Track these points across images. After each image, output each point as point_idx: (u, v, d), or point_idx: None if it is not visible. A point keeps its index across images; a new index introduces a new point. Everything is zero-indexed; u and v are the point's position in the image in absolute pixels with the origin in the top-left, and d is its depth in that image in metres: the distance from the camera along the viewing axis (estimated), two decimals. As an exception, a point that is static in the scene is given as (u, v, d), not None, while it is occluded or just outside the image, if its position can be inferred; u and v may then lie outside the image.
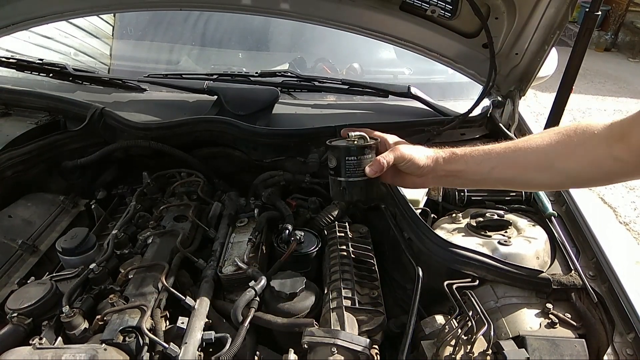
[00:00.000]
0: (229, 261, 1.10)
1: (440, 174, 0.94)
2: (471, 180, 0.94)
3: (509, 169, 0.90)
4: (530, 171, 0.89)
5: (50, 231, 1.28)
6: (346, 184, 0.94)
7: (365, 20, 1.41)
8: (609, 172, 0.84)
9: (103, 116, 1.46)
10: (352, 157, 0.92)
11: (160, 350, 0.89)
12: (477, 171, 0.91)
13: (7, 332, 0.91)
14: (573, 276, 0.99)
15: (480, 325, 0.89)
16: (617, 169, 0.82)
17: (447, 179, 0.95)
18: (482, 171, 0.91)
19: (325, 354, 0.87)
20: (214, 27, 1.99)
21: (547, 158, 0.86)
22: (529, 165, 0.88)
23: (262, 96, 1.57)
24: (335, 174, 0.95)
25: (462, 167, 0.92)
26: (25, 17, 1.53)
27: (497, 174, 0.91)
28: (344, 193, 0.95)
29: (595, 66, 6.63)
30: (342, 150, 0.93)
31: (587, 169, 0.85)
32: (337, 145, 0.94)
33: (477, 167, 0.91)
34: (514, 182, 0.94)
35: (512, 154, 0.89)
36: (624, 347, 0.90)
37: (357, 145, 0.93)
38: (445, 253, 1.02)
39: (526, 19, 1.26)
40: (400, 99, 1.62)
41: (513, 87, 1.50)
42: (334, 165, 0.94)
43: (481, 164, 0.91)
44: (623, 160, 0.80)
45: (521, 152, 0.88)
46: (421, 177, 0.96)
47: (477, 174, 0.92)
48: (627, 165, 0.80)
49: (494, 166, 0.90)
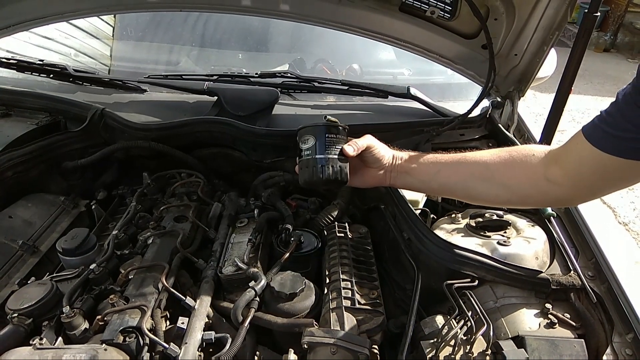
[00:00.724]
0: (229, 261, 1.10)
1: (397, 169, 1.04)
2: (420, 181, 1.04)
3: (452, 175, 0.99)
4: (470, 180, 0.97)
5: (51, 232, 1.28)
6: (326, 160, 0.96)
7: (364, 21, 1.42)
8: (543, 192, 0.90)
9: (103, 117, 1.46)
10: (332, 135, 0.94)
11: (161, 351, 0.89)
12: (425, 171, 1.02)
13: (8, 332, 0.91)
14: (572, 276, 0.99)
15: (480, 326, 0.89)
16: (552, 190, 0.87)
17: (402, 174, 1.04)
18: (430, 172, 1.02)
19: (325, 354, 0.87)
20: (214, 28, 1.99)
21: (487, 169, 0.94)
22: (470, 174, 0.97)
23: (262, 97, 1.58)
24: (311, 152, 0.97)
25: (414, 165, 1.03)
26: (26, 18, 1.54)
27: (441, 178, 1.01)
28: (321, 171, 0.96)
29: (594, 67, 6.64)
30: (321, 127, 0.95)
31: (523, 185, 0.92)
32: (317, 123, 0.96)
33: (426, 168, 1.02)
34: (456, 188, 1.02)
35: (457, 162, 0.99)
36: (623, 347, 0.90)
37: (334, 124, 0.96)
38: (445, 253, 1.02)
39: (525, 19, 1.27)
40: (399, 99, 1.63)
41: (512, 87, 1.50)
42: (312, 144, 0.96)
43: (429, 166, 1.02)
44: (557, 182, 0.86)
45: (465, 162, 0.98)
46: (381, 170, 1.04)
47: (424, 175, 1.02)
48: (561, 187, 0.86)
49: (439, 170, 1.00)
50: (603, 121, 0.76)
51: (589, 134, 0.78)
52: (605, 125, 0.75)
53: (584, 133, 0.79)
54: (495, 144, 1.48)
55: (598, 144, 0.76)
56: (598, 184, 0.83)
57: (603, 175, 0.80)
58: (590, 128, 0.79)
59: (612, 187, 0.84)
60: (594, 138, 0.77)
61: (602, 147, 0.75)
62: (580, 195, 0.89)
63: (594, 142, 0.77)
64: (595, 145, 0.76)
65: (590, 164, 0.79)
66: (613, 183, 0.82)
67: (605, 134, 0.75)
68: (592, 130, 0.78)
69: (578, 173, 0.83)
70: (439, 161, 1.01)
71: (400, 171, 1.03)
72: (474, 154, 0.98)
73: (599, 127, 0.76)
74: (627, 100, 0.71)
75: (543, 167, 0.88)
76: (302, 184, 1.00)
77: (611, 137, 0.74)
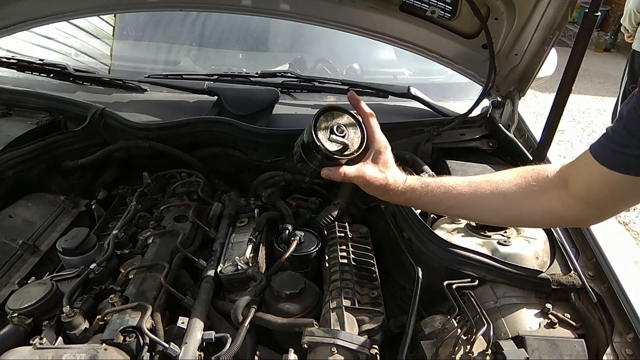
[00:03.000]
0: (229, 261, 1.10)
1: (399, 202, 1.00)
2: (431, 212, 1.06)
3: (466, 209, 0.95)
4: (486, 212, 0.94)
5: (51, 231, 1.28)
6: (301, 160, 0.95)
7: (365, 20, 1.41)
8: (559, 216, 0.89)
9: (103, 116, 1.46)
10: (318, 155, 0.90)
11: (161, 350, 0.89)
12: (436, 207, 0.99)
13: (8, 332, 0.91)
14: (572, 276, 0.99)
15: (480, 325, 0.89)
16: (565, 212, 0.86)
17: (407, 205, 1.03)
18: (441, 208, 0.99)
19: (325, 354, 0.87)
20: (214, 28, 1.99)
21: (503, 201, 0.90)
22: (486, 208, 0.93)
23: (262, 97, 1.58)
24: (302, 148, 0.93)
25: (422, 203, 0.98)
26: (26, 18, 1.53)
27: (454, 211, 0.98)
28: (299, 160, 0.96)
29: (594, 66, 6.63)
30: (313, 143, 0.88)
31: (540, 213, 0.90)
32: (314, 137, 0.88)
33: (436, 205, 0.97)
34: (469, 218, 1.04)
35: (472, 195, 0.91)
36: (623, 347, 0.90)
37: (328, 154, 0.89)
38: (445, 253, 1.02)
39: (526, 19, 1.27)
40: (400, 99, 1.63)
41: (512, 87, 1.50)
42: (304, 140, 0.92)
43: (440, 203, 0.94)
44: (570, 205, 0.84)
45: (480, 194, 0.91)
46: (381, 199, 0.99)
47: (436, 209, 1.01)
48: (573, 210, 0.85)
49: (452, 205, 0.94)
50: (610, 139, 0.75)
51: (597, 154, 0.76)
52: (612, 143, 0.74)
53: (592, 153, 0.77)
54: (495, 143, 1.48)
55: (607, 163, 0.75)
56: (609, 203, 0.82)
57: (614, 194, 0.79)
58: (597, 147, 0.77)
59: (623, 205, 0.83)
60: (602, 157, 0.76)
61: (611, 165, 0.74)
62: (593, 216, 0.87)
63: (602, 161, 0.75)
64: (604, 164, 0.75)
65: (601, 184, 0.78)
66: (624, 201, 0.82)
67: (613, 152, 0.74)
68: (600, 150, 0.77)
69: (589, 194, 0.81)
70: (453, 194, 0.92)
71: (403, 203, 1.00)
72: (489, 182, 0.91)
73: (606, 146, 0.75)
74: (633, 117, 0.70)
75: (557, 189, 0.85)
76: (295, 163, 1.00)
77: (619, 155, 0.73)
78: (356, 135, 0.94)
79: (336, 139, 0.90)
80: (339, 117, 0.93)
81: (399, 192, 0.94)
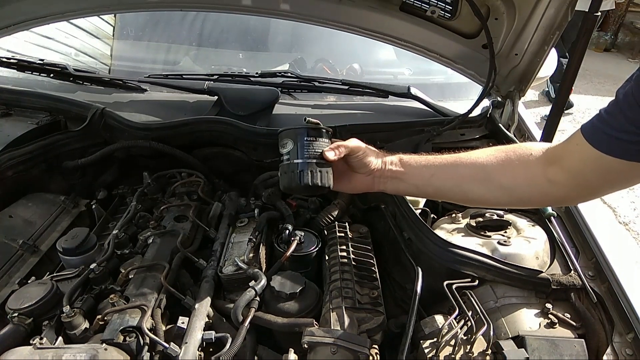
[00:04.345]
0: (229, 261, 1.10)
1: (387, 174, 0.98)
2: (414, 185, 0.98)
3: (448, 178, 0.94)
4: (467, 182, 0.93)
5: (51, 231, 1.28)
6: (304, 165, 0.90)
7: (365, 20, 1.41)
8: (544, 193, 0.87)
9: (104, 116, 1.46)
10: (311, 138, 0.90)
11: (161, 350, 0.89)
12: (418, 175, 0.96)
13: (8, 332, 0.91)
14: (572, 276, 0.99)
15: (480, 325, 0.89)
16: (552, 190, 0.85)
17: (393, 180, 0.98)
18: (423, 176, 0.96)
19: (325, 354, 0.87)
20: (215, 28, 1.99)
21: (484, 171, 0.90)
22: (467, 176, 0.92)
23: (263, 96, 1.58)
24: (290, 157, 0.92)
25: (406, 170, 0.96)
26: (26, 18, 1.53)
27: (436, 182, 0.95)
28: (300, 177, 0.90)
29: (594, 66, 6.62)
30: (301, 130, 0.90)
31: (522, 186, 0.88)
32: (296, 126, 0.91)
33: (419, 172, 0.96)
34: (452, 191, 0.97)
35: (452, 164, 0.93)
36: (624, 347, 0.90)
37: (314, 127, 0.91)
38: (445, 253, 1.02)
39: (526, 19, 1.27)
40: (400, 99, 1.63)
41: (513, 87, 1.50)
42: (290, 148, 0.91)
43: (423, 169, 0.95)
44: (558, 182, 0.83)
45: (460, 164, 0.93)
46: (369, 175, 0.98)
47: (419, 178, 0.96)
48: (562, 188, 0.84)
49: (433, 173, 0.94)
50: (604, 122, 0.74)
51: (590, 136, 0.76)
52: (606, 126, 0.73)
53: (584, 134, 0.77)
54: (495, 143, 1.48)
55: (600, 147, 0.74)
56: (599, 185, 0.82)
57: (605, 177, 0.79)
58: (590, 129, 0.77)
59: (613, 187, 0.83)
60: (595, 140, 0.75)
61: (605, 149, 0.74)
62: (581, 195, 0.88)
63: (595, 144, 0.75)
64: (597, 147, 0.75)
65: (592, 166, 0.77)
66: (615, 184, 0.81)
67: (607, 136, 0.73)
68: (593, 132, 0.76)
69: (579, 174, 0.81)
70: (433, 164, 0.95)
71: (390, 177, 0.97)
72: (470, 154, 0.93)
73: (599, 129, 0.75)
74: (629, 101, 0.69)
75: (542, 167, 0.85)
76: (282, 189, 0.96)
77: (614, 140, 0.72)
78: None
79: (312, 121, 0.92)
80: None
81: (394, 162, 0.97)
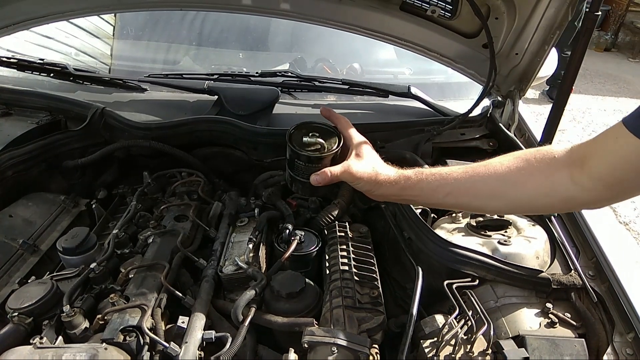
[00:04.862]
0: (229, 261, 1.10)
1: (393, 199, 0.95)
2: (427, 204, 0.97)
3: (463, 196, 0.88)
4: (483, 197, 0.87)
5: (51, 231, 1.27)
6: (291, 179, 1.00)
7: (365, 20, 1.41)
8: (568, 198, 0.81)
9: (104, 116, 1.46)
10: (301, 162, 0.94)
11: (161, 350, 0.89)
12: (432, 197, 0.90)
13: (8, 331, 0.91)
14: (573, 276, 0.99)
15: (480, 325, 0.89)
16: (577, 194, 0.79)
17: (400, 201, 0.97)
18: (437, 197, 0.90)
19: (326, 354, 0.87)
20: (215, 27, 1.99)
21: (502, 185, 0.84)
22: (483, 192, 0.87)
23: (263, 96, 1.58)
24: (288, 164, 0.99)
25: (417, 193, 0.90)
26: (27, 17, 1.53)
27: (451, 200, 0.89)
28: (291, 183, 1.02)
29: (595, 66, 6.62)
30: (293, 153, 0.95)
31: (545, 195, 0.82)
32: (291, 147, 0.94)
33: (432, 194, 0.90)
34: (468, 207, 0.95)
35: (468, 180, 0.86)
36: (624, 347, 0.90)
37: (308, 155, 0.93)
38: (445, 253, 1.02)
39: (526, 19, 1.27)
40: (400, 98, 1.63)
41: (513, 87, 1.50)
42: (287, 157, 0.98)
43: (436, 190, 0.89)
44: (583, 186, 0.77)
45: (478, 179, 0.85)
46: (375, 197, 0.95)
47: (432, 200, 0.92)
48: (587, 192, 0.78)
49: (448, 192, 0.88)
50: None
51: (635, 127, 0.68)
52: None
53: (628, 126, 0.69)
54: (496, 143, 1.48)
55: None
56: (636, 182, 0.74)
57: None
58: (635, 119, 0.69)
59: None
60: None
61: None
62: (612, 197, 0.80)
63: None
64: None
65: (636, 159, 0.70)
66: None
67: None
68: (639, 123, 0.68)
69: (614, 172, 0.74)
70: (448, 181, 0.87)
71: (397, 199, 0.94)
72: (487, 165, 0.86)
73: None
74: None
75: (567, 169, 0.78)
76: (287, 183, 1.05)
77: None
78: (332, 137, 0.97)
79: (311, 141, 0.94)
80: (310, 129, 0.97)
81: (392, 182, 0.90)
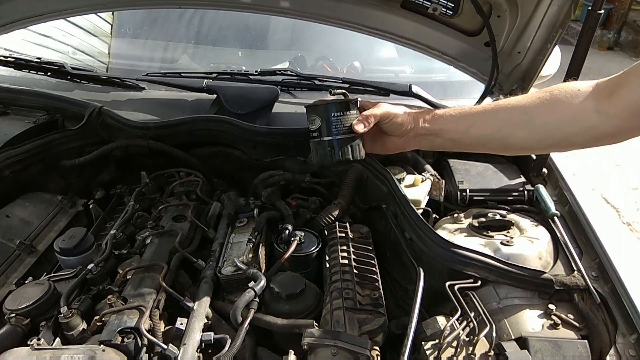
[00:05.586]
0: (228, 261, 1.09)
1: (421, 133, 0.96)
2: (450, 140, 0.95)
3: (487, 126, 0.90)
4: (508, 127, 0.89)
5: (48, 231, 1.27)
6: (335, 142, 0.91)
7: (366, 18, 1.40)
8: (591, 127, 0.82)
9: (101, 115, 1.45)
10: (339, 113, 0.89)
11: (159, 351, 0.88)
12: (455, 128, 0.93)
13: (5, 332, 0.91)
14: (576, 277, 0.98)
15: (482, 327, 0.88)
16: (601, 123, 0.80)
17: (428, 137, 0.96)
18: (461, 129, 0.92)
19: (326, 355, 0.86)
20: (213, 25, 1.98)
21: (526, 113, 0.86)
22: (507, 121, 0.88)
23: (262, 95, 1.56)
24: (319, 134, 0.92)
25: (441, 125, 0.93)
26: (24, 16, 1.53)
27: (475, 132, 0.91)
28: (331, 154, 0.92)
29: (597, 65, 6.60)
30: (327, 106, 0.90)
31: (569, 123, 0.84)
32: (320, 102, 0.91)
33: (455, 125, 0.92)
34: (492, 140, 0.93)
35: (491, 111, 0.90)
36: (627, 348, 0.89)
37: (347, 101, 0.90)
38: (447, 253, 1.01)
39: (528, 17, 1.26)
40: (401, 97, 1.61)
41: (515, 85, 1.49)
42: (318, 125, 0.91)
43: (459, 122, 0.92)
44: (608, 114, 0.78)
45: (500, 109, 0.89)
46: (402, 137, 0.96)
47: (455, 132, 0.93)
48: (611, 120, 0.79)
49: (471, 124, 0.91)
50: None
51: None
52: None
53: None
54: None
55: None
56: None
57: None
58: None
59: None
60: None
61: None
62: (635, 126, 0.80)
63: None
64: None
65: None
66: None
67: None
68: None
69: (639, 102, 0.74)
70: (469, 114, 0.92)
71: (425, 134, 0.95)
72: (509, 99, 0.89)
73: None
74: None
75: (592, 100, 0.80)
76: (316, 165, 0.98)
77: None
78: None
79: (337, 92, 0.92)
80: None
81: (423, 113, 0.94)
